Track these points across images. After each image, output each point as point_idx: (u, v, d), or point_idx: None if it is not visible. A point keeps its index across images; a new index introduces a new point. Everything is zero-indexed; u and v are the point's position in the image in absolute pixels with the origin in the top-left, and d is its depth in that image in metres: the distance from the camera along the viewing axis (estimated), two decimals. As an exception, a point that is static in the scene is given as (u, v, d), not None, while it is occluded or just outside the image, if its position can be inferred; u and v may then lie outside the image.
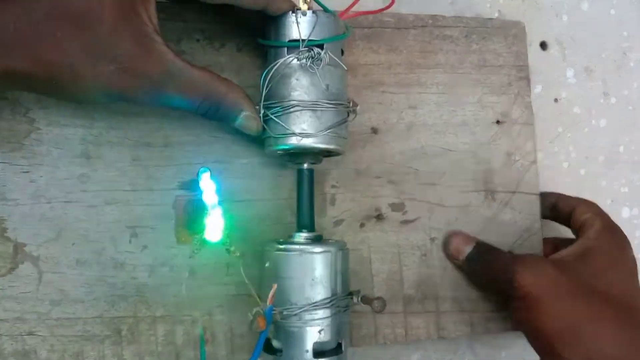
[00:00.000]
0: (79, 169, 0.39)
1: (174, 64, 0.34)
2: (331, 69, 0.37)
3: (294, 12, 0.37)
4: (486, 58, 0.48)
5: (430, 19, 0.47)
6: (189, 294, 0.40)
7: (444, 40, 0.47)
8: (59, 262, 0.39)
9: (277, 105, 0.37)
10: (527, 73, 0.49)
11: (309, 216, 0.39)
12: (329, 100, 0.37)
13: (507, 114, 0.48)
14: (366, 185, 0.44)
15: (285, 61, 0.36)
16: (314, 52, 0.36)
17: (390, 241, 0.44)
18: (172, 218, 0.40)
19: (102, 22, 0.31)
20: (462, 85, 0.47)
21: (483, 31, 0.48)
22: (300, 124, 0.37)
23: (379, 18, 0.46)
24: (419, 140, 0.46)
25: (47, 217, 0.39)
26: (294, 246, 0.37)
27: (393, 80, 0.46)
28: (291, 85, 0.37)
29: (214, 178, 0.36)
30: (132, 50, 0.32)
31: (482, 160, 0.47)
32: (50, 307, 0.38)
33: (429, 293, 0.45)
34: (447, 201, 0.46)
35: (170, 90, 0.34)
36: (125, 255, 0.40)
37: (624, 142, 0.55)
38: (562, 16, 0.50)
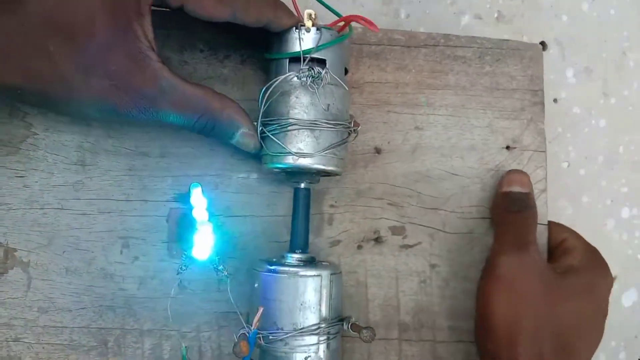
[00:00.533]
0: (74, 176, 0.39)
1: (168, 81, 0.33)
2: (333, 88, 0.36)
3: (298, 28, 0.36)
4: (499, 81, 0.46)
5: (442, 38, 0.45)
6: (178, 308, 0.40)
7: (456, 60, 0.46)
8: (48, 269, 0.38)
9: (274, 123, 0.36)
10: (542, 98, 0.47)
11: (303, 237, 0.38)
12: (329, 120, 0.36)
13: (518, 139, 0.46)
14: (366, 206, 0.43)
15: (286, 78, 0.35)
16: (314, 70, 0.35)
17: (388, 265, 0.43)
18: (164, 230, 0.40)
19: (95, 37, 0.31)
20: (472, 108, 0.45)
21: (497, 53, 0.46)
22: (297, 143, 0.36)
23: (388, 35, 0.45)
24: (423, 162, 0.44)
25: (39, 223, 0.38)
26: (284, 268, 0.36)
27: (400, 100, 0.44)
28: (290, 103, 0.36)
29: (205, 194, 0.35)
30: (125, 67, 0.32)
31: (488, 186, 0.45)
32: (37, 314, 0.38)
33: (426, 321, 0.43)
34: (449, 227, 0.44)
35: (164, 107, 0.33)
36: (115, 266, 0.39)
37: (623, 142, 0.54)
38: (562, 16, 0.50)
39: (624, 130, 0.54)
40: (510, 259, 0.40)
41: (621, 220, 0.54)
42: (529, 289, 0.39)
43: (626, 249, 0.56)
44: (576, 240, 0.43)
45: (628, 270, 0.56)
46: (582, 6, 0.50)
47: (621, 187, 0.54)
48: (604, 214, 0.54)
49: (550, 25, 0.50)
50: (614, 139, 0.54)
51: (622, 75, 0.54)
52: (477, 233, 0.45)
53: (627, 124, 0.54)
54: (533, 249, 0.41)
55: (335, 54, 0.37)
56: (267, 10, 0.35)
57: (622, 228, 0.54)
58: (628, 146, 0.54)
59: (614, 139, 0.54)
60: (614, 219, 0.53)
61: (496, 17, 0.47)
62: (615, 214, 0.54)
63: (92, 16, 0.30)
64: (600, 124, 0.54)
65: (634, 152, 0.54)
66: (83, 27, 0.30)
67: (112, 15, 0.31)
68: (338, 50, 0.37)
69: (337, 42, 0.36)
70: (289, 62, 0.37)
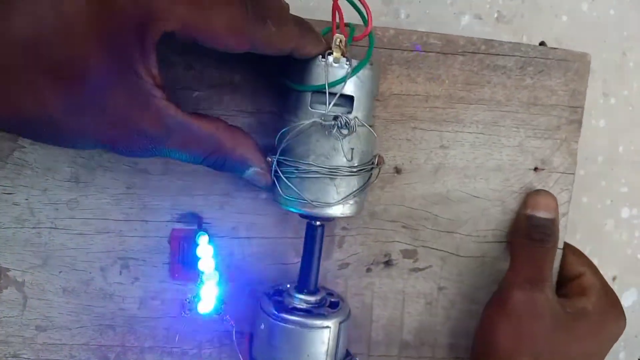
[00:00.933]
0: (68, 194, 0.36)
1: (175, 119, 0.29)
2: (359, 130, 0.32)
3: (324, 57, 0.31)
4: (538, 95, 0.42)
5: (483, 44, 0.40)
6: (180, 327, 0.39)
7: (495, 71, 0.40)
8: (44, 289, 0.37)
9: (291, 165, 0.32)
10: (580, 116, 0.43)
11: (314, 278, 0.36)
12: (352, 166, 0.32)
13: (547, 160, 0.43)
14: (379, 229, 0.41)
15: (305, 122, 0.31)
16: (341, 121, 0.30)
17: (396, 288, 0.42)
18: (166, 252, 0.38)
19: (89, 78, 0.26)
20: (505, 125, 0.41)
21: (542, 63, 0.41)
22: (315, 191, 0.32)
23: (423, 39, 0.39)
24: (445, 184, 0.41)
25: (32, 242, 0.36)
26: (292, 317, 0.34)
27: (428, 115, 0.40)
28: (310, 147, 0.32)
29: (211, 242, 0.32)
30: (125, 107, 0.27)
31: (509, 209, 0.43)
32: (35, 332, 0.37)
33: (427, 339, 0.44)
34: (462, 251, 0.43)
35: (169, 146, 0.29)
36: (114, 286, 0.37)
37: (623, 142, 0.54)
38: (562, 16, 0.49)
39: (624, 131, 0.54)
40: (524, 295, 0.39)
41: (621, 220, 0.55)
42: (537, 328, 0.39)
43: (626, 248, 0.56)
44: (594, 277, 0.42)
45: (628, 270, 0.56)
46: (582, 6, 0.49)
47: (621, 187, 0.55)
48: (604, 214, 0.54)
49: (550, 25, 0.49)
50: (613, 139, 0.54)
51: (622, 76, 0.53)
52: (490, 257, 0.43)
53: (627, 124, 0.54)
54: (548, 286, 0.40)
55: (365, 89, 0.32)
56: (292, 40, 0.30)
57: (622, 228, 0.55)
58: (628, 146, 0.54)
59: (614, 139, 0.54)
60: (613, 218, 0.54)
61: (496, 18, 0.45)
62: (615, 214, 0.54)
63: (86, 56, 0.25)
64: (600, 124, 0.53)
65: (633, 153, 0.54)
66: (75, 67, 0.26)
67: (109, 55, 0.26)
68: (368, 83, 0.32)
69: (360, 69, 0.31)
70: (312, 92, 0.32)
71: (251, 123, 0.37)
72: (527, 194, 0.42)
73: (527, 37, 0.47)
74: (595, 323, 0.40)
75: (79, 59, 0.25)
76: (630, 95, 0.54)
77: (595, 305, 0.40)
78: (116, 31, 0.25)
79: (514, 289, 0.39)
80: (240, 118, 0.37)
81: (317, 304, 0.36)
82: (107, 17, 0.25)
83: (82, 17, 0.24)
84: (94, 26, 0.25)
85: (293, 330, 0.34)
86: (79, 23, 0.24)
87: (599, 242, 0.55)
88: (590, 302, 0.40)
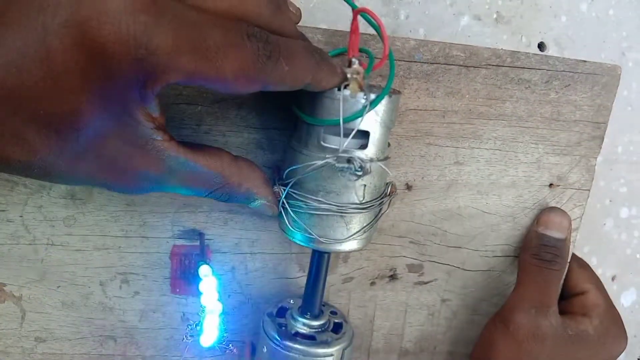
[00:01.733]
0: (64, 211, 0.34)
1: (177, 159, 0.27)
2: (373, 168, 0.30)
3: (339, 90, 0.29)
4: (561, 111, 0.39)
5: (509, 57, 0.37)
6: (180, 337, 0.39)
7: (519, 85, 0.38)
8: (43, 303, 0.36)
9: (300, 200, 0.31)
10: (603, 132, 0.41)
11: (318, 303, 0.35)
12: (364, 201, 0.31)
13: (564, 177, 0.41)
14: (386, 244, 0.40)
15: (317, 162, 0.29)
16: (355, 163, 0.28)
17: (399, 300, 0.42)
18: (167, 267, 0.37)
19: (81, 127, 0.23)
20: (523, 141, 0.39)
21: (569, 77, 0.38)
22: (324, 227, 0.31)
23: (445, 51, 0.36)
24: (456, 200, 0.40)
25: (29, 259, 0.35)
26: (295, 345, 0.34)
27: (444, 131, 0.38)
28: (320, 183, 0.30)
29: (215, 273, 0.31)
30: (123, 152, 0.25)
31: (520, 225, 0.42)
32: (35, 343, 0.37)
33: (427, 347, 0.44)
34: (468, 265, 0.42)
35: (171, 185, 0.28)
36: (114, 300, 0.37)
37: (622, 142, 0.54)
38: (561, 17, 0.48)
39: (623, 131, 0.53)
40: (528, 320, 0.39)
41: (620, 220, 0.55)
42: (536, 351, 0.39)
43: (625, 248, 0.56)
44: (597, 296, 0.41)
45: (627, 270, 0.57)
46: (581, 7, 0.48)
47: (620, 187, 0.54)
48: (603, 213, 0.54)
49: (549, 25, 0.47)
50: (612, 139, 0.53)
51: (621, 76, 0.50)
52: (497, 270, 0.43)
53: (626, 124, 0.53)
54: (553, 311, 0.39)
55: (382, 122, 0.30)
56: (306, 76, 0.27)
57: (621, 228, 0.55)
58: (627, 146, 0.54)
59: (613, 139, 0.53)
60: (612, 218, 0.55)
61: (495, 18, 0.43)
62: (614, 213, 0.55)
63: (77, 109, 0.23)
64: None
65: (632, 153, 0.54)
66: (65, 120, 0.23)
67: (104, 107, 0.23)
68: (386, 116, 0.30)
69: (377, 103, 0.29)
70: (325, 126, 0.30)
71: (258, 139, 0.35)
72: (541, 211, 0.41)
73: (526, 37, 0.46)
74: (595, 345, 0.40)
75: (69, 112, 0.23)
76: (629, 96, 0.52)
77: (597, 327, 0.40)
78: (112, 86, 0.22)
79: (518, 312, 0.39)
80: (246, 134, 0.35)
81: (320, 329, 0.35)
82: (102, 73, 0.22)
83: (73, 71, 0.22)
84: (87, 81, 0.22)
85: (296, 359, 0.34)
86: (68, 77, 0.22)
87: (598, 241, 0.55)
88: (592, 324, 0.40)
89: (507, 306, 0.40)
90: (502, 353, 0.39)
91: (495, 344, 0.39)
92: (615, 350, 0.41)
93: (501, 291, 0.43)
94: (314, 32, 0.34)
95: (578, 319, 0.41)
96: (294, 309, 0.36)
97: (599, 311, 0.41)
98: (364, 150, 0.30)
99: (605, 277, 0.56)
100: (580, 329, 0.40)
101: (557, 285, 0.40)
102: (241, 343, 0.39)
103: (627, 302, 0.56)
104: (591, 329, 0.40)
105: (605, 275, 0.56)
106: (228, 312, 0.38)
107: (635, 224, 0.56)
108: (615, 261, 0.56)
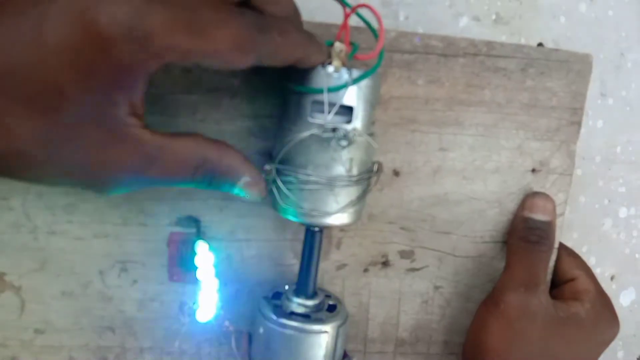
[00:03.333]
0: (64, 199, 0.35)
1: (154, 145, 0.27)
2: (358, 140, 0.32)
3: (324, 67, 0.31)
4: (539, 97, 0.41)
5: (485, 46, 0.39)
6: (179, 327, 0.39)
7: (496, 72, 0.40)
8: (42, 293, 0.37)
9: (290, 175, 0.32)
10: (580, 117, 0.42)
11: (312, 283, 0.36)
12: (351, 175, 0.32)
13: (545, 162, 0.43)
14: (377, 230, 0.41)
15: (304, 133, 0.31)
16: (340, 132, 0.30)
17: (392, 288, 0.42)
18: (164, 254, 0.38)
19: (65, 109, 0.24)
20: (504, 127, 0.41)
21: (543, 65, 0.41)
22: (314, 201, 0.32)
23: (425, 41, 0.38)
24: (443, 185, 0.41)
25: (29, 247, 0.36)
26: (290, 322, 0.34)
27: (427, 117, 0.40)
28: (309, 157, 0.32)
29: (212, 248, 0.32)
30: (102, 142, 0.26)
31: (507, 210, 0.43)
32: (34, 335, 0.37)
33: (423, 336, 0.44)
34: (459, 251, 0.43)
35: (152, 174, 0.28)
36: (113, 289, 0.38)
37: (621, 142, 0.54)
38: (560, 17, 0.49)
39: (622, 131, 0.54)
40: (517, 297, 0.40)
41: (619, 219, 0.55)
42: (528, 331, 0.39)
43: (624, 248, 0.56)
44: (588, 282, 0.42)
45: (626, 269, 0.57)
46: (580, 7, 0.49)
47: (619, 187, 0.55)
48: (602, 213, 0.55)
49: (548, 26, 0.48)
50: (611, 140, 0.54)
51: (620, 76, 0.53)
52: (487, 257, 0.44)
53: (624, 125, 0.54)
54: (542, 290, 0.40)
55: (365, 98, 0.32)
56: (297, 50, 0.29)
57: (620, 227, 0.55)
58: (625, 146, 0.54)
59: (612, 139, 0.54)
60: (611, 218, 0.55)
61: (494, 19, 0.45)
62: (613, 213, 0.55)
63: (62, 87, 0.24)
64: (597, 125, 0.53)
65: (631, 153, 0.54)
66: (50, 99, 0.24)
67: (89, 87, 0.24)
68: (369, 92, 0.32)
69: (361, 80, 0.31)
70: (312, 103, 0.32)
71: (251, 127, 0.37)
72: (525, 196, 0.42)
73: (525, 38, 0.47)
74: (587, 329, 0.40)
75: (55, 91, 0.24)
76: (628, 96, 0.53)
77: (589, 311, 0.40)
78: (102, 65, 0.23)
79: (508, 291, 0.40)
80: (239, 122, 0.37)
81: (315, 308, 0.36)
82: (95, 55, 0.23)
83: (65, 51, 0.23)
84: (78, 61, 0.23)
85: (291, 336, 0.34)
86: (60, 57, 0.23)
87: (597, 241, 0.55)
88: (583, 307, 0.41)
89: (497, 287, 0.41)
90: (495, 334, 0.40)
91: (487, 326, 0.40)
92: (608, 335, 0.41)
93: (492, 278, 0.44)
94: (307, 26, 0.36)
95: (569, 302, 0.41)
96: (289, 290, 0.37)
97: (590, 296, 0.41)
98: (348, 125, 0.31)
99: (604, 277, 0.56)
100: (572, 311, 0.41)
101: (546, 264, 0.41)
102: (238, 333, 0.40)
103: (626, 301, 0.57)
104: (583, 312, 0.40)
105: (604, 275, 0.56)
106: (224, 300, 0.39)
107: (634, 224, 0.56)
108: (614, 261, 0.56)
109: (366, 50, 0.35)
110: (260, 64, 0.28)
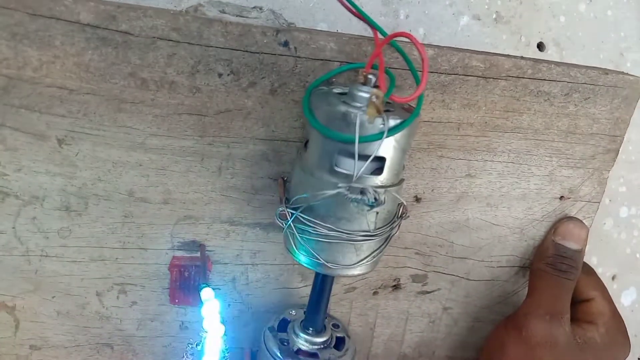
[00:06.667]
0: (58, 223, 0.32)
1: None
2: (387, 195, 0.29)
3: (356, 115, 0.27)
4: (579, 124, 0.38)
5: (530, 68, 0.35)
6: (179, 345, 0.38)
7: (538, 97, 0.36)
8: (37, 312, 0.35)
9: (309, 225, 0.29)
10: (619, 145, 0.39)
11: (321, 319, 0.34)
12: (375, 229, 0.29)
13: (575, 190, 0.40)
14: (391, 255, 0.39)
15: (328, 192, 0.27)
16: (369, 196, 0.27)
17: (400, 309, 0.41)
18: (166, 278, 0.35)
19: None
20: (538, 155, 0.38)
21: (589, 90, 0.37)
22: (332, 253, 0.30)
23: (465, 62, 0.34)
24: (465, 212, 0.39)
25: (22, 269, 0.33)
26: (297, 363, 0.33)
27: (457, 143, 0.36)
28: (331, 210, 0.29)
29: (218, 296, 0.30)
30: None
31: (527, 237, 0.41)
32: (30, 351, 0.36)
33: (426, 352, 0.44)
34: (473, 275, 0.41)
35: None
36: (111, 309, 0.36)
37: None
38: (560, 17, 0.46)
39: None
40: (542, 326, 0.39)
41: (620, 219, 0.54)
42: (547, 357, 0.39)
43: (625, 247, 0.55)
44: (603, 304, 0.41)
45: (627, 269, 0.56)
46: (580, 7, 0.47)
47: (619, 186, 0.54)
48: (603, 213, 0.53)
49: (548, 26, 0.46)
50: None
51: None
52: (500, 280, 0.42)
53: None
54: (565, 319, 0.39)
55: (400, 148, 0.28)
56: None
57: (621, 227, 0.55)
58: (626, 146, 0.52)
59: None
60: (612, 218, 0.54)
61: (494, 18, 0.42)
62: (614, 213, 0.54)
63: None
64: None
65: (631, 152, 0.52)
66: None
67: None
68: (404, 141, 0.28)
69: (397, 131, 0.27)
70: (338, 152, 0.28)
71: (263, 150, 0.33)
72: (559, 220, 0.40)
73: (525, 37, 0.44)
74: (602, 352, 0.40)
75: None
76: None
77: (603, 335, 0.40)
78: None
79: (533, 318, 0.39)
80: (252, 145, 0.33)
81: (323, 345, 0.35)
82: None
83: None
84: None
85: (298, 377, 0.33)
86: None
87: (598, 241, 0.54)
88: (598, 332, 0.40)
89: (521, 312, 0.40)
90: (513, 358, 0.39)
91: (506, 348, 0.39)
92: (620, 358, 0.41)
93: (503, 299, 0.43)
94: (326, 40, 0.32)
95: (585, 326, 0.40)
96: (296, 322, 0.35)
97: (605, 319, 0.41)
98: (378, 177, 0.28)
99: (606, 277, 0.55)
100: (588, 336, 0.40)
101: (570, 294, 0.40)
102: (240, 350, 0.39)
103: (627, 301, 0.57)
104: (598, 336, 0.40)
105: (606, 275, 0.55)
106: (228, 321, 0.37)
107: (635, 223, 0.55)
108: (615, 260, 0.56)
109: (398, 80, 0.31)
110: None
